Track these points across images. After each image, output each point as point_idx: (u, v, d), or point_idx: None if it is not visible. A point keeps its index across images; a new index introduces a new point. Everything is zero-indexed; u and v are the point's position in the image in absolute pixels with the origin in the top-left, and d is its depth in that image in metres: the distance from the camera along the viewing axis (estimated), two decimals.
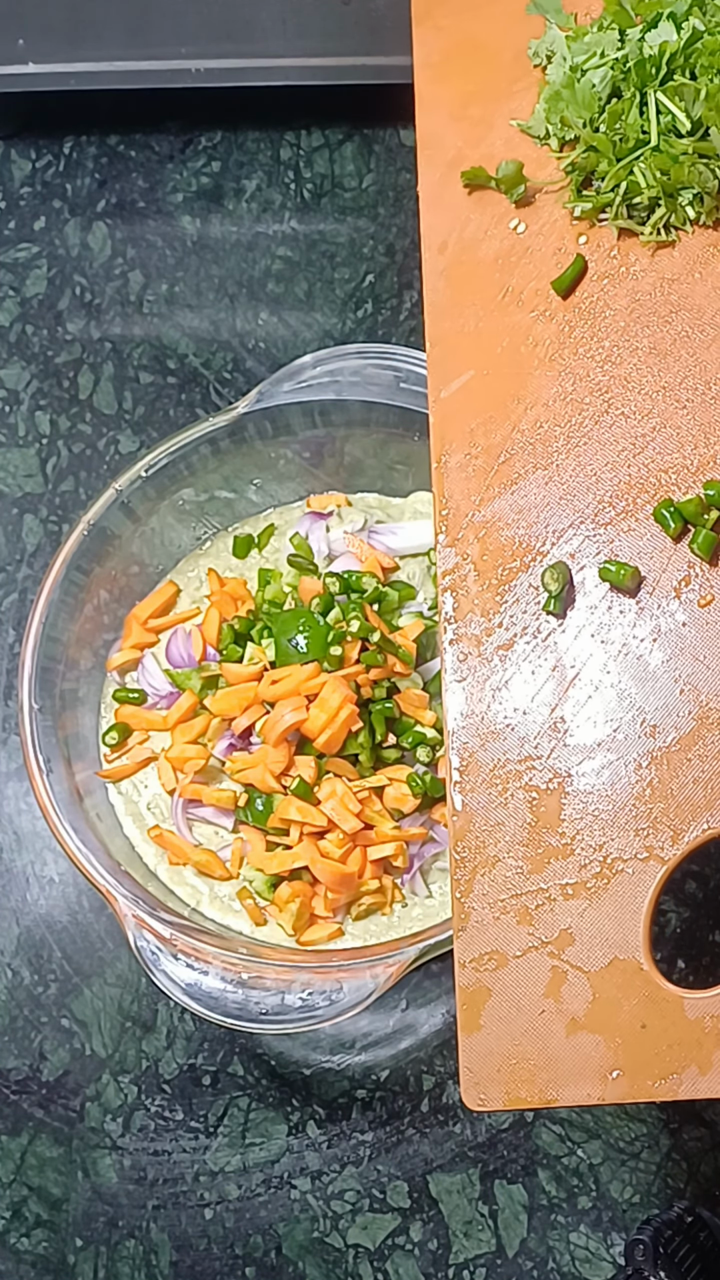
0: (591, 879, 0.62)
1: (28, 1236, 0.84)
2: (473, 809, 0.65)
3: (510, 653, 0.65)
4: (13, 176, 1.09)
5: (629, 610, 0.64)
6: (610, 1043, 0.60)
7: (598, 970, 0.61)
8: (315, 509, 0.90)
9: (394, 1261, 0.81)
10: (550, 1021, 0.61)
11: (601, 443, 0.67)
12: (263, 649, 0.83)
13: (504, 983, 0.62)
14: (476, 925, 0.63)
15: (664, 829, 0.62)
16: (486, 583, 0.67)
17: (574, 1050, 0.61)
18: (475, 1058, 0.62)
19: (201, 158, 1.09)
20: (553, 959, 0.62)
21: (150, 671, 0.87)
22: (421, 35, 0.78)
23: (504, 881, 0.64)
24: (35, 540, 0.98)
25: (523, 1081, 0.61)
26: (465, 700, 0.66)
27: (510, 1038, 0.62)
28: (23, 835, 0.92)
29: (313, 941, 0.80)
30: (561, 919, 0.62)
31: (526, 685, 0.65)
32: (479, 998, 0.63)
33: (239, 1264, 0.82)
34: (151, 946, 0.74)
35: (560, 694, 0.64)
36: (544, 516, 0.67)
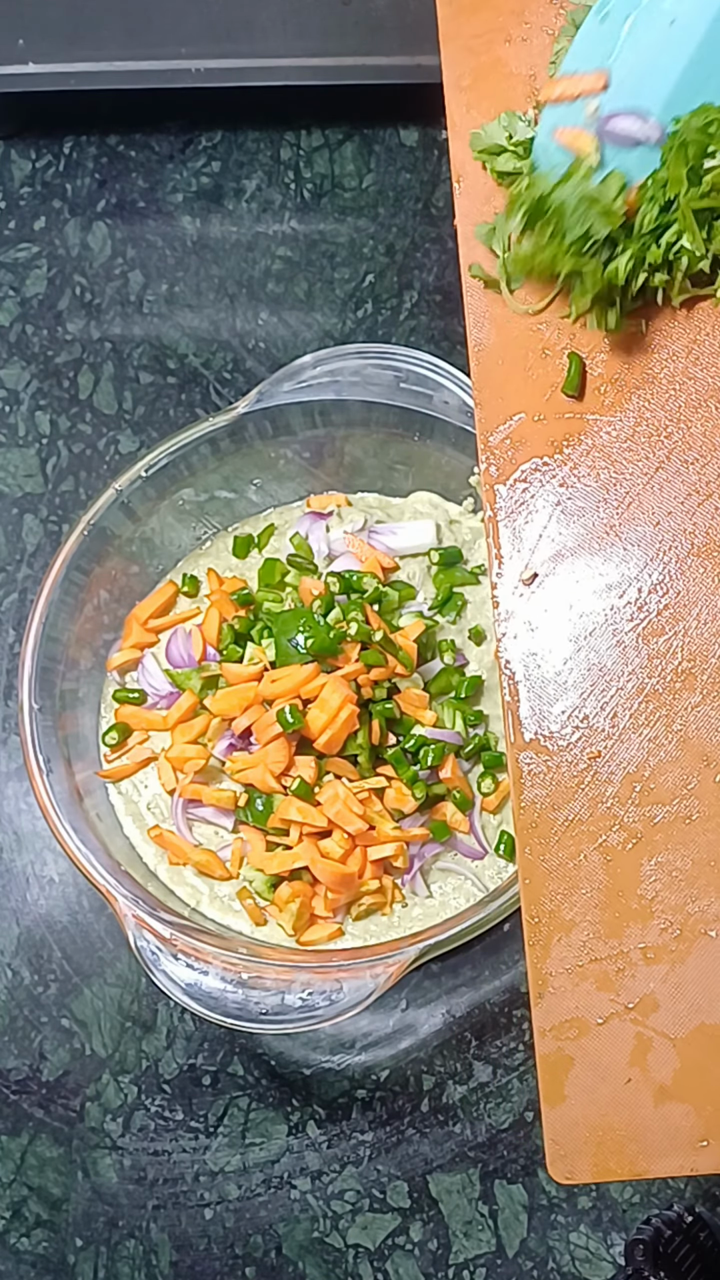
0: (673, 942, 0.60)
1: (28, 1236, 0.84)
2: (545, 872, 0.63)
3: (585, 703, 0.64)
4: (13, 176, 1.09)
5: (702, 664, 0.63)
6: (701, 1111, 0.59)
7: (684, 1036, 0.60)
8: (315, 509, 0.90)
9: (394, 1261, 0.81)
10: (638, 1090, 0.60)
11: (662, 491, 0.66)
12: (263, 649, 0.83)
13: (587, 1051, 0.61)
14: (554, 992, 0.62)
15: None
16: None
17: (663, 1120, 0.59)
18: (561, 1129, 0.61)
19: (201, 158, 1.08)
20: (636, 1025, 0.60)
21: (150, 671, 0.87)
22: (450, 56, 0.76)
23: (581, 946, 0.62)
24: (35, 540, 0.98)
25: (611, 1153, 0.60)
26: (533, 758, 0.64)
27: (596, 1108, 0.60)
28: (23, 835, 0.92)
29: (313, 941, 0.80)
30: (643, 984, 0.61)
31: (599, 742, 0.64)
32: (561, 1067, 0.61)
33: (239, 1264, 0.82)
34: (151, 946, 0.74)
35: (633, 752, 0.63)
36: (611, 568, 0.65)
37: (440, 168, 1.05)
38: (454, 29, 0.77)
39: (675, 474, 0.65)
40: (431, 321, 1.01)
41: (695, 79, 0.63)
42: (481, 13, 0.76)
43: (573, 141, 0.65)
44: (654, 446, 0.66)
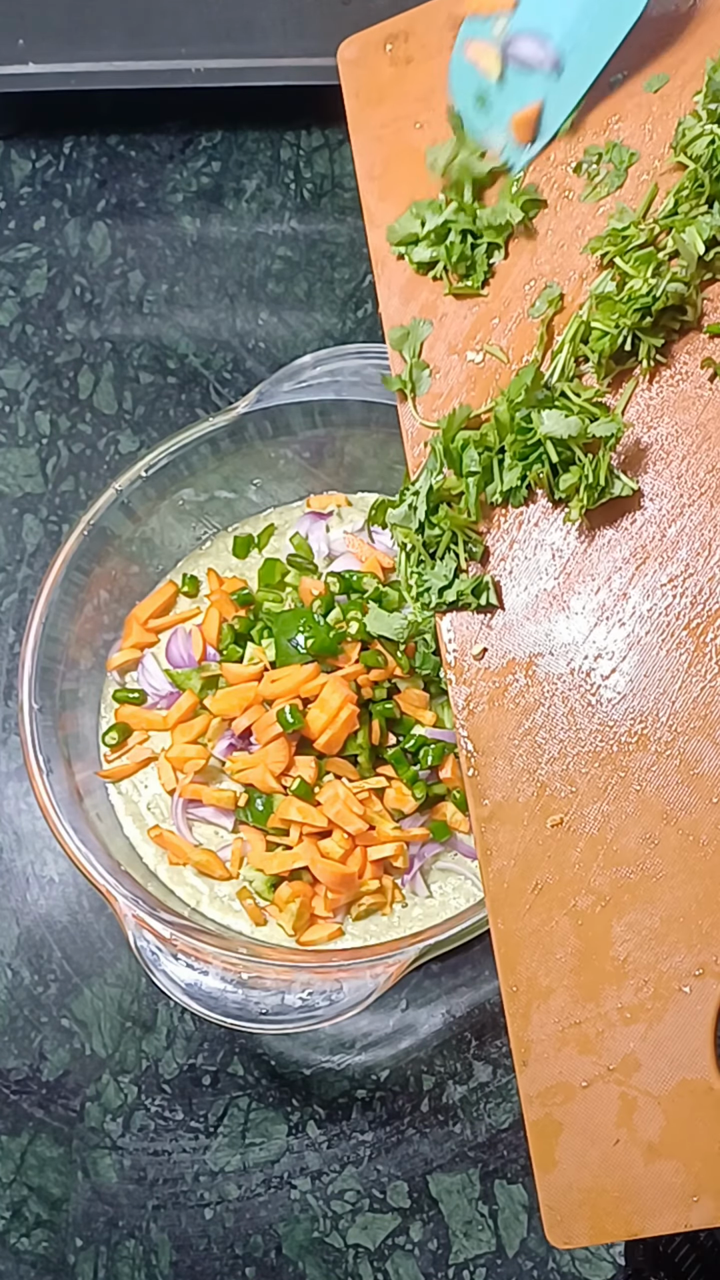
0: (649, 1001, 0.60)
1: (28, 1236, 0.84)
2: (518, 940, 0.63)
3: (542, 770, 0.64)
4: (13, 176, 1.09)
5: (656, 728, 0.63)
6: (690, 1167, 0.58)
7: (667, 1093, 0.60)
8: (315, 509, 0.90)
9: (394, 1261, 0.81)
10: (627, 1151, 0.60)
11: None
12: (263, 649, 0.83)
13: (574, 1115, 0.61)
14: (538, 1059, 0.62)
15: (716, 943, 0.60)
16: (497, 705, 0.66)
17: (654, 1178, 0.59)
18: (555, 1195, 0.61)
19: (201, 158, 1.08)
20: (620, 1086, 0.60)
21: (150, 671, 0.87)
22: (361, 146, 0.76)
23: (560, 1011, 0.62)
24: (35, 540, 0.98)
25: (606, 1214, 0.60)
26: (499, 829, 0.64)
27: (588, 1171, 0.60)
28: (23, 835, 0.92)
29: (313, 941, 0.80)
30: (624, 1044, 0.61)
31: (560, 809, 0.64)
32: (551, 1133, 0.61)
33: (239, 1264, 0.82)
34: (151, 946, 0.74)
35: (595, 816, 0.63)
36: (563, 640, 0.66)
37: None
38: (362, 120, 0.77)
39: (613, 541, 0.65)
40: None
41: (594, 10, 0.64)
42: (388, 101, 0.76)
43: (480, 57, 0.66)
44: (591, 516, 0.66)
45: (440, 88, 0.75)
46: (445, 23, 0.76)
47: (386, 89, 0.77)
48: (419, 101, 0.75)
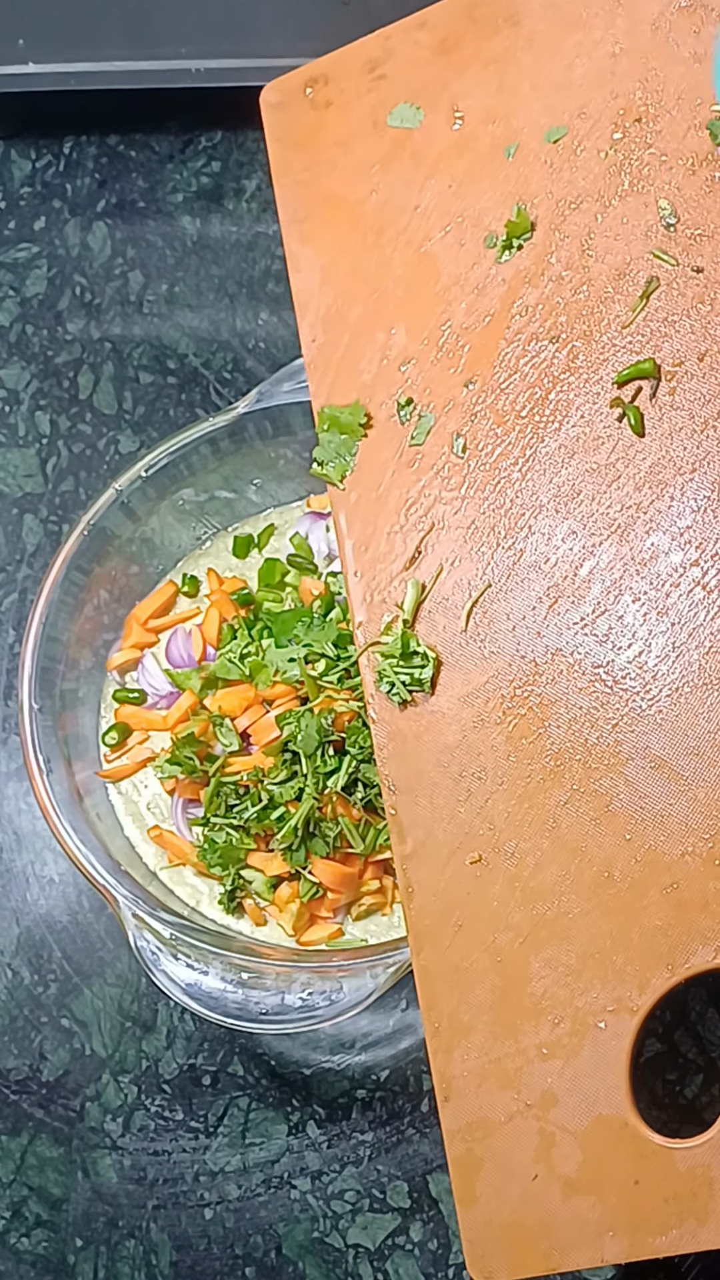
0: (565, 1037, 0.60)
1: (28, 1236, 0.84)
2: (439, 977, 0.63)
3: (460, 808, 0.65)
4: (13, 176, 1.09)
5: (569, 764, 0.63)
6: (605, 1203, 0.58)
7: (584, 1129, 0.59)
8: (315, 509, 0.90)
9: (394, 1261, 0.81)
10: (545, 1186, 0.60)
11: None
12: (263, 649, 0.83)
13: (494, 1150, 0.61)
14: (459, 1094, 0.62)
15: (630, 979, 0.60)
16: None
17: (571, 1213, 0.59)
18: (476, 1230, 0.61)
19: (201, 158, 1.08)
20: (539, 1121, 0.60)
21: (150, 671, 0.87)
22: (283, 192, 0.77)
23: (480, 1047, 0.62)
24: (35, 540, 0.98)
25: (526, 1250, 0.60)
26: (419, 868, 0.65)
27: (508, 1206, 0.60)
28: (23, 835, 0.92)
29: (313, 941, 0.80)
30: (541, 1080, 0.61)
31: (477, 847, 0.64)
32: (472, 1169, 0.62)
33: (239, 1264, 0.82)
34: (151, 946, 0.74)
35: (511, 854, 0.63)
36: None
37: None
38: (284, 164, 0.78)
39: (528, 581, 0.66)
40: None
41: None
42: (309, 146, 0.77)
43: None
44: (495, 556, 0.67)
45: (359, 132, 0.75)
46: (362, 66, 0.76)
47: (307, 134, 0.77)
48: (338, 146, 0.76)
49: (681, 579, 0.62)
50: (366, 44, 0.77)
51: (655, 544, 0.63)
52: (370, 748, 0.78)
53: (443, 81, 0.74)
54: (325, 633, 0.81)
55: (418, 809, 0.66)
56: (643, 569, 0.63)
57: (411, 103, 0.74)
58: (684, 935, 0.59)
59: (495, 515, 0.67)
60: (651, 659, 0.62)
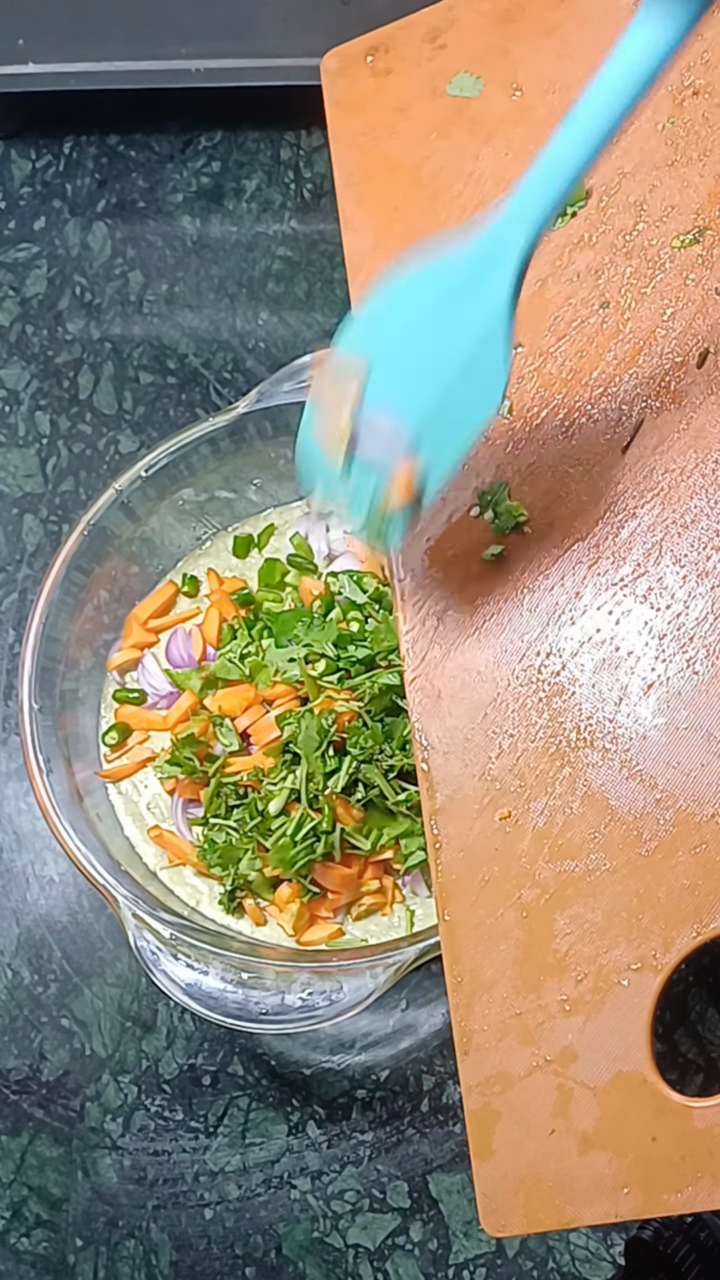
0: (588, 993, 0.61)
1: (28, 1236, 0.84)
2: (464, 932, 0.63)
3: (492, 765, 0.65)
4: (13, 176, 1.09)
5: (600, 722, 0.63)
6: (622, 1159, 0.59)
7: (603, 1085, 0.60)
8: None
9: (394, 1261, 0.81)
10: (562, 1141, 0.60)
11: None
12: (263, 648, 0.83)
13: (512, 1105, 0.61)
14: (479, 1049, 0.62)
15: (655, 937, 0.60)
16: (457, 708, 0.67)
17: (587, 1168, 0.59)
18: (490, 1183, 0.61)
19: (201, 158, 1.09)
20: (558, 1077, 0.61)
21: (150, 671, 0.87)
22: (340, 154, 0.77)
23: (502, 1002, 0.62)
24: (35, 540, 0.98)
25: (540, 1203, 0.60)
26: (448, 822, 0.65)
27: (524, 1160, 0.61)
28: (23, 835, 0.92)
29: (313, 941, 0.80)
30: (562, 1036, 0.61)
31: (508, 803, 0.64)
32: (489, 1122, 0.62)
33: (239, 1264, 0.82)
34: (151, 946, 0.74)
35: (541, 811, 0.64)
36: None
37: None
38: (341, 128, 0.78)
39: (567, 541, 0.66)
40: None
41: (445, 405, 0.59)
42: (367, 111, 0.78)
43: (329, 437, 0.61)
44: (543, 514, 0.67)
45: (417, 99, 0.76)
46: (424, 35, 0.77)
47: (366, 99, 0.78)
48: (396, 111, 0.77)
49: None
50: (430, 13, 0.78)
51: (698, 507, 0.64)
52: (371, 748, 0.78)
53: (503, 50, 0.75)
54: (325, 633, 0.81)
55: (449, 765, 0.66)
56: (684, 531, 0.64)
57: (471, 72, 0.75)
58: (711, 895, 0.60)
59: (539, 477, 0.68)
60: (690, 620, 0.62)
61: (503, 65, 0.75)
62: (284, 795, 0.78)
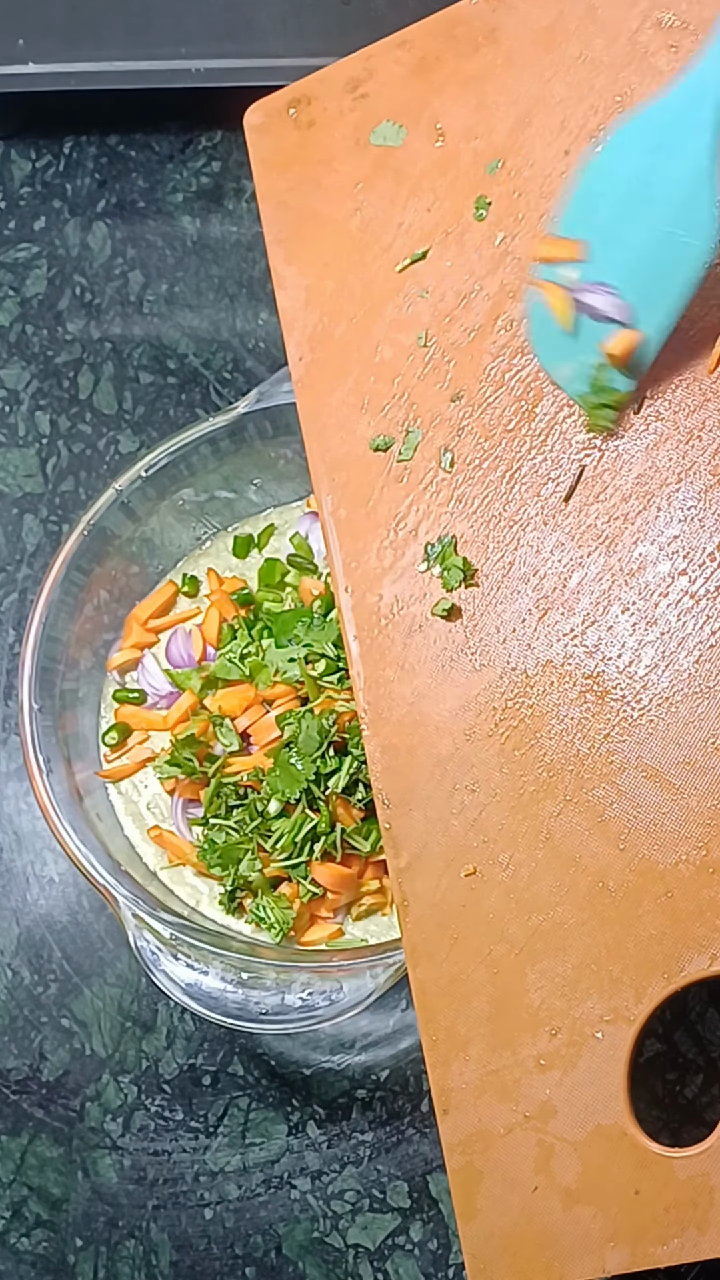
0: (563, 1048, 0.60)
1: (28, 1236, 0.84)
2: (437, 990, 0.63)
3: (454, 821, 0.65)
4: (13, 176, 1.09)
5: (561, 775, 0.63)
6: (606, 1213, 0.58)
7: (583, 1139, 0.59)
8: (315, 509, 0.90)
9: (394, 1261, 0.81)
10: (545, 1197, 0.60)
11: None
12: (263, 648, 0.83)
13: (494, 1163, 0.61)
14: (458, 1107, 0.62)
15: (626, 988, 0.60)
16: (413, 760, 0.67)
17: (573, 1224, 0.59)
18: (477, 1243, 0.61)
19: (201, 158, 1.09)
20: (538, 1133, 0.60)
21: (150, 671, 0.87)
22: (268, 212, 0.78)
23: (478, 1059, 0.62)
24: (35, 540, 0.98)
25: (527, 1261, 0.60)
26: (414, 880, 0.65)
27: (509, 1218, 0.60)
28: (23, 835, 0.92)
29: (313, 941, 0.80)
30: (540, 1091, 0.61)
31: (472, 860, 0.64)
32: (472, 1181, 0.62)
33: (239, 1264, 0.82)
34: (151, 946, 0.74)
35: (504, 866, 0.63)
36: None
37: None
38: (268, 185, 0.78)
39: (517, 592, 0.66)
40: None
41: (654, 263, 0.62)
42: (293, 166, 0.78)
43: (555, 301, 0.64)
44: (484, 569, 0.67)
45: (342, 150, 0.76)
46: (344, 86, 0.77)
47: (291, 154, 0.78)
48: (321, 164, 0.77)
49: (670, 588, 0.62)
50: (347, 64, 0.78)
51: (643, 554, 0.63)
52: None
53: (423, 100, 0.74)
54: (325, 633, 0.81)
55: (412, 823, 0.66)
56: (631, 579, 0.63)
57: (393, 121, 0.75)
58: (679, 943, 0.59)
59: (484, 529, 0.67)
60: (641, 668, 0.62)
61: (424, 114, 0.74)
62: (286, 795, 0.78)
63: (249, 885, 0.81)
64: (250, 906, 0.81)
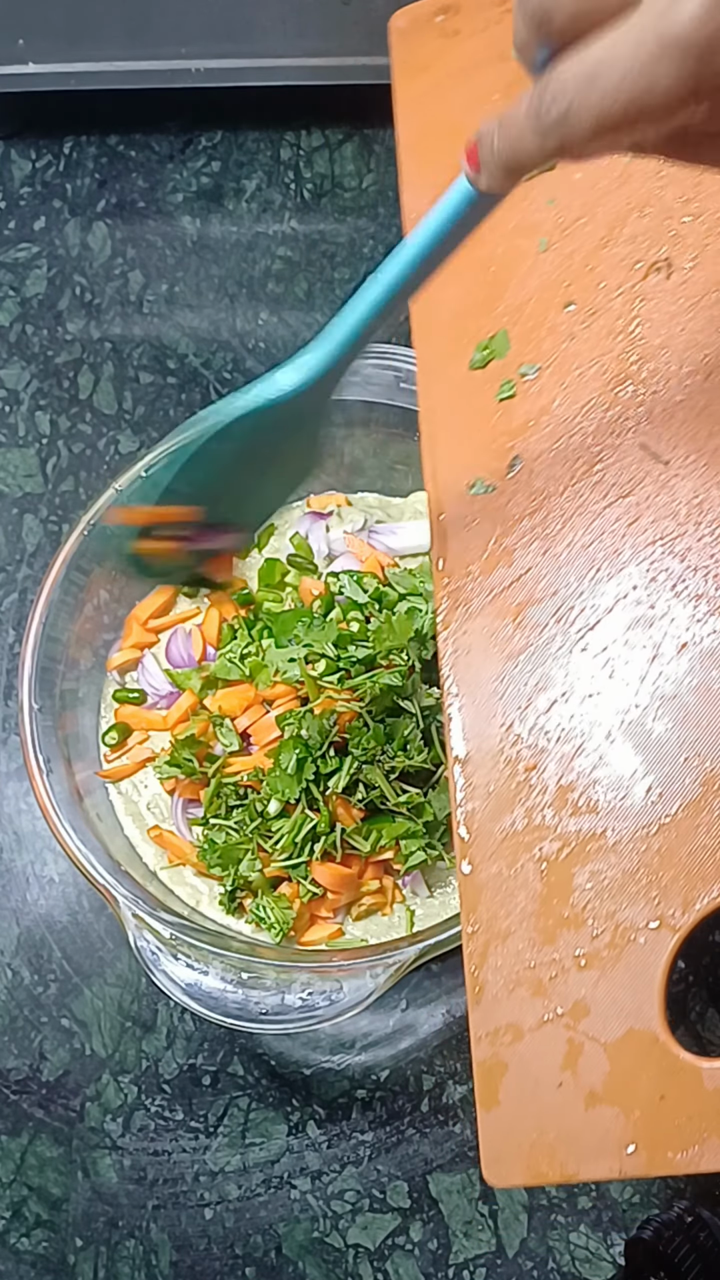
0: (604, 949, 0.61)
1: (28, 1236, 0.84)
2: (483, 882, 0.63)
3: (519, 720, 0.65)
4: (13, 176, 1.09)
5: (631, 679, 0.64)
6: (629, 1115, 0.59)
7: (614, 1041, 0.60)
8: (315, 509, 0.90)
9: (394, 1261, 0.81)
10: (569, 1095, 0.60)
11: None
12: (263, 648, 0.83)
13: (521, 1056, 0.61)
14: (491, 999, 0.62)
15: (674, 897, 0.60)
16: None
17: (593, 1124, 0.59)
18: (494, 1134, 0.61)
19: (201, 158, 1.08)
20: (568, 1031, 0.61)
21: (150, 671, 0.87)
22: (403, 114, 0.78)
23: (517, 954, 0.62)
24: (35, 540, 0.98)
25: (542, 1156, 0.60)
26: (473, 772, 0.65)
27: (529, 1112, 0.61)
28: (23, 835, 0.92)
29: (313, 941, 0.80)
30: (575, 990, 0.61)
31: (533, 756, 0.64)
32: (496, 1072, 0.62)
33: (239, 1264, 0.82)
34: (151, 946, 0.74)
35: (566, 765, 0.64)
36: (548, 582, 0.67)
37: None
38: (405, 89, 0.79)
39: (611, 495, 0.66)
40: None
41: None
42: (431, 72, 0.78)
43: (160, 549, 0.67)
44: (575, 470, 0.67)
45: (484, 61, 0.76)
46: (493, 0, 0.78)
47: (431, 60, 0.78)
48: (461, 73, 0.77)
49: None
50: None
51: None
52: (373, 749, 0.78)
53: None
54: (325, 633, 0.81)
55: (477, 713, 0.66)
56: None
57: None
58: None
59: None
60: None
61: None
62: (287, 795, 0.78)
63: (249, 885, 0.81)
64: (250, 906, 0.81)
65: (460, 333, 0.73)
